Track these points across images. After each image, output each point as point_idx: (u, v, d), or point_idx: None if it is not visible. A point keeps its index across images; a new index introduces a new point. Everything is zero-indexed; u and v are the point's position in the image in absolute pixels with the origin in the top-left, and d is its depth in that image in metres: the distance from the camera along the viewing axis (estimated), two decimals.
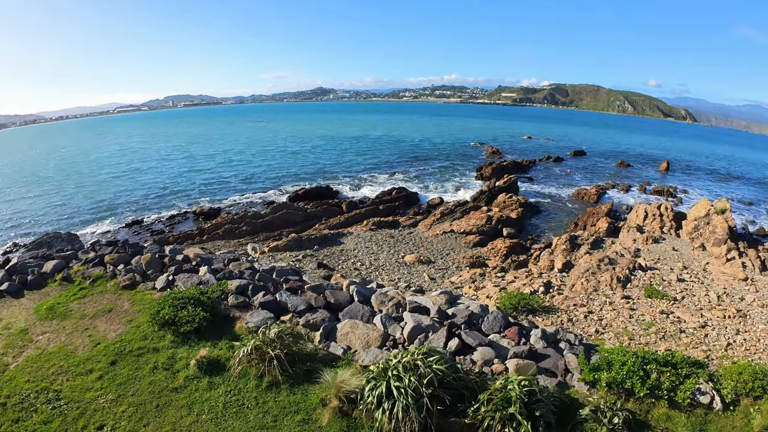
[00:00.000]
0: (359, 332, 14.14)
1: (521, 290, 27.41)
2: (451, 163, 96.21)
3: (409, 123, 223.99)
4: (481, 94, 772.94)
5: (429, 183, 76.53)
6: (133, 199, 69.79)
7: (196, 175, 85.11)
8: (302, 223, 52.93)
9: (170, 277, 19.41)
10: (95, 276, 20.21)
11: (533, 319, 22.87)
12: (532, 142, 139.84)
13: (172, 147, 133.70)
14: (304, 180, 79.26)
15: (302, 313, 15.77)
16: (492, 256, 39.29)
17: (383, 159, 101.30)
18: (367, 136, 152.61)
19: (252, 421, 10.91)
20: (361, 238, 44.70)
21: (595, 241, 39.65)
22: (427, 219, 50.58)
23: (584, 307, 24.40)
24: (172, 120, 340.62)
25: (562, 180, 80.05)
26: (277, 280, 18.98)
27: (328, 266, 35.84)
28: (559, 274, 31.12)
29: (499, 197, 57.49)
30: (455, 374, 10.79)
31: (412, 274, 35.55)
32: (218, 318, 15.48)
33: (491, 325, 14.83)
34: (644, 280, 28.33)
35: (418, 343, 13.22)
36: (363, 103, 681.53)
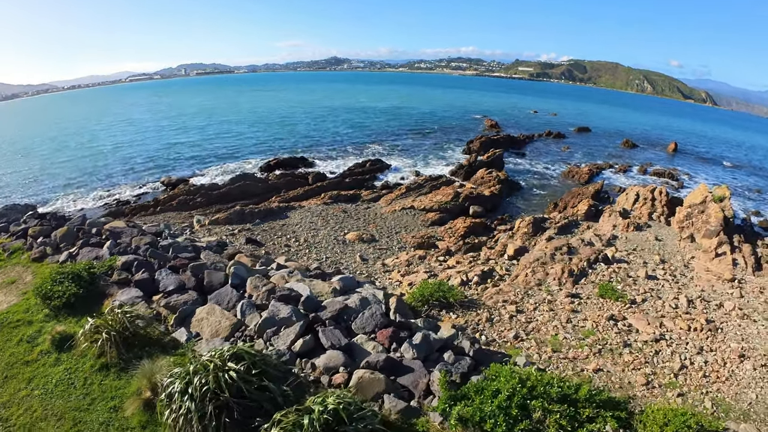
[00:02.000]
0: (213, 319, 13.37)
1: (453, 278, 22.95)
2: (446, 136, 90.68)
3: (419, 95, 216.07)
4: (497, 68, 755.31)
5: (413, 156, 71.32)
6: (114, 170, 66.52)
7: (183, 147, 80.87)
8: (260, 195, 48.81)
9: (74, 251, 19.27)
10: (13, 248, 20.68)
11: (445, 315, 18.34)
12: (537, 117, 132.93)
13: (170, 117, 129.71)
14: (290, 151, 74.45)
15: (170, 294, 15.12)
16: (447, 236, 34.53)
17: (379, 130, 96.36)
18: (373, 107, 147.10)
19: (72, 402, 10.68)
20: (310, 212, 40.55)
21: (565, 226, 34.55)
22: (391, 194, 45.79)
23: (514, 305, 19.55)
24: (180, 89, 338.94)
25: (557, 157, 73.96)
26: (169, 257, 18.47)
27: (259, 242, 32.68)
28: (508, 262, 26.30)
29: (478, 173, 52.41)
30: (261, 383, 9.51)
31: (345, 254, 31.37)
32: (95, 294, 15.39)
33: (364, 323, 13.31)
34: (604, 275, 23.27)
35: (266, 337, 12.50)
36: (376, 74, 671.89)
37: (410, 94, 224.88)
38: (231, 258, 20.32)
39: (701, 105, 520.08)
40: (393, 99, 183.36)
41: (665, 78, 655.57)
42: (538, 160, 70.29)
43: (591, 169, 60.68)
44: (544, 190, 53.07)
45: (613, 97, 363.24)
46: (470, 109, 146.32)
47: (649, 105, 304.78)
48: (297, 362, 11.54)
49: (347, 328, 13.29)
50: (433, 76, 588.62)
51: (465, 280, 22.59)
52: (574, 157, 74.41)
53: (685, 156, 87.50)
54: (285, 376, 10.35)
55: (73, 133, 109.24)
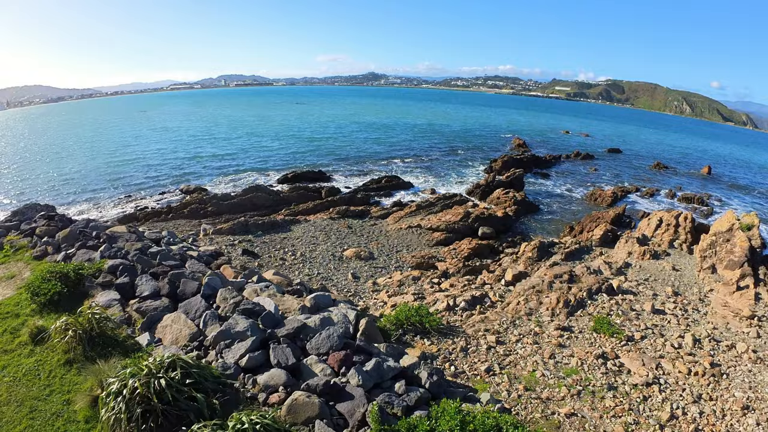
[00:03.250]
0: (176, 327, 13.60)
1: (440, 302, 21.45)
2: (472, 154, 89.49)
3: (452, 113, 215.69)
4: (534, 87, 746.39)
5: (434, 174, 70.09)
6: (139, 177, 69.69)
7: (209, 157, 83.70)
8: (270, 207, 48.58)
9: (71, 252, 20.05)
10: (19, 245, 21.73)
11: (418, 341, 16.95)
12: (568, 138, 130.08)
13: (202, 128, 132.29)
14: (313, 165, 74.51)
15: (144, 299, 15.50)
16: (450, 257, 32.88)
17: (405, 147, 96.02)
18: (404, 123, 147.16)
19: (33, 391, 11.20)
20: (314, 226, 39.62)
21: (575, 251, 32.50)
22: (401, 211, 44.34)
23: (496, 335, 17.85)
24: (219, 99, 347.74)
25: (583, 179, 71.41)
26: (153, 263, 18.57)
27: (255, 253, 32.50)
28: (504, 288, 24.55)
29: (495, 193, 50.70)
30: (191, 393, 9.49)
31: (339, 270, 30.35)
32: (79, 294, 16.06)
33: (319, 343, 12.70)
34: (604, 307, 21.31)
35: (218, 348, 12.33)
36: (413, 90, 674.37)
37: (443, 111, 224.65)
38: (216, 268, 20.88)
39: (741, 128, 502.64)
40: (426, 116, 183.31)
41: (705, 99, 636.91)
42: (562, 181, 67.94)
43: (615, 192, 58.10)
44: (563, 213, 50.82)
45: (649, 118, 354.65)
46: (501, 128, 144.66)
47: (686, 127, 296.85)
48: (240, 377, 11.21)
49: (302, 347, 12.77)
50: (469, 94, 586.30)
51: (451, 305, 20.98)
52: (600, 180, 71.69)
53: (718, 181, 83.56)
54: (221, 389, 10.26)
55: (106, 139, 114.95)
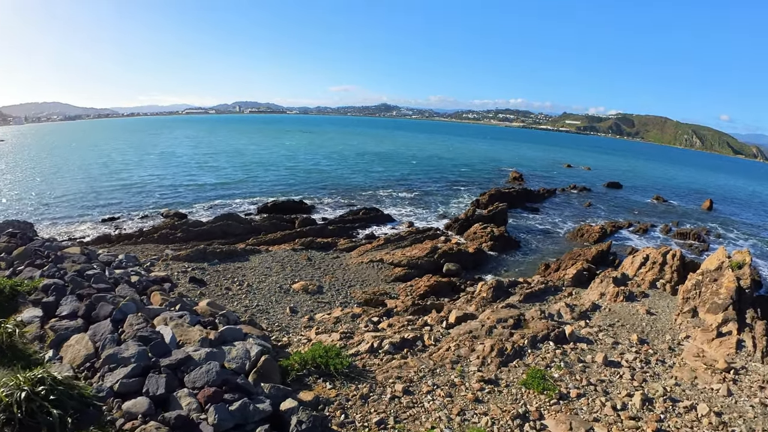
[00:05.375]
0: (77, 347, 14.12)
1: (365, 342, 19.13)
2: (465, 187, 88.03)
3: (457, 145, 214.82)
4: (545, 120, 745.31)
5: (418, 206, 68.24)
6: (128, 199, 70.98)
7: (201, 185, 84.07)
8: (240, 235, 47.06)
9: (19, 269, 21.41)
10: None
11: (320, 384, 15.07)
12: (568, 171, 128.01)
13: (205, 154, 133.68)
14: (299, 194, 74.36)
15: (62, 318, 16.11)
16: (404, 295, 30.56)
17: (399, 178, 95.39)
18: (407, 155, 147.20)
19: None
20: (273, 257, 37.83)
21: (539, 292, 29.80)
22: (369, 244, 42.21)
23: (406, 383, 15.51)
24: (231, 125, 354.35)
25: (574, 213, 68.66)
26: (84, 285, 19.37)
27: (203, 281, 31.40)
28: (444, 330, 22.06)
29: (473, 227, 48.43)
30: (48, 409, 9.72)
31: (280, 303, 28.62)
32: (10, 308, 16.87)
33: (197, 377, 12.50)
34: (545, 357, 18.68)
35: (103, 371, 12.64)
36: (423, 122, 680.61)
37: (449, 144, 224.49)
38: (149, 294, 21.66)
39: (752, 160, 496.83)
40: (431, 148, 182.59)
41: (715, 133, 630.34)
42: (551, 216, 65.34)
43: (605, 227, 55.35)
44: (543, 250, 48.10)
45: (657, 152, 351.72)
46: (503, 160, 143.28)
47: (694, 160, 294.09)
48: (109, 401, 11.31)
49: (181, 379, 12.65)
50: (479, 127, 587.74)
51: (375, 347, 18.62)
52: (593, 215, 69.02)
53: (720, 215, 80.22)
54: (83, 410, 10.36)
55: (109, 161, 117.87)
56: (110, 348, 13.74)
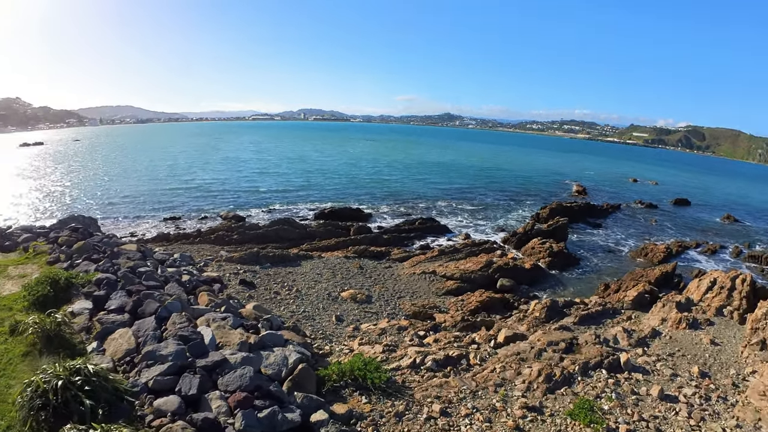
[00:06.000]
0: (120, 341, 14.50)
1: (407, 357, 18.71)
2: (526, 199, 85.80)
3: (521, 156, 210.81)
4: (611, 132, 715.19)
5: (477, 218, 66.95)
6: (193, 200, 73.80)
7: (262, 189, 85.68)
8: (294, 240, 47.57)
9: (76, 262, 22.35)
10: (40, 250, 24.82)
11: (356, 397, 14.69)
12: (634, 186, 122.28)
13: (268, 160, 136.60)
14: (359, 201, 75.01)
15: (110, 312, 16.68)
16: (454, 309, 29.85)
17: (458, 189, 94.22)
18: (468, 165, 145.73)
19: None
20: (325, 263, 37.94)
21: (596, 314, 28.41)
22: (423, 255, 41.59)
23: (444, 404, 14.98)
24: (296, 132, 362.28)
25: (639, 231, 65.30)
26: (135, 281, 20.01)
27: (253, 284, 31.73)
28: (491, 350, 21.30)
29: (531, 242, 47.01)
30: (81, 398, 10.18)
31: (326, 310, 28.40)
32: (64, 298, 17.91)
33: (230, 381, 12.60)
34: (596, 387, 17.69)
35: (140, 367, 12.94)
36: (486, 132, 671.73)
37: (512, 155, 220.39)
38: (191, 293, 22.22)
39: None
40: (493, 159, 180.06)
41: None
42: (614, 232, 62.58)
43: (670, 247, 52.57)
44: (603, 268, 46.01)
45: (729, 167, 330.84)
46: (566, 173, 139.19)
47: None
48: (142, 396, 11.68)
49: (214, 381, 12.80)
50: (543, 138, 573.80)
51: (417, 363, 18.16)
52: (658, 233, 65.52)
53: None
54: (116, 402, 10.82)
55: (175, 164, 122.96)
56: (150, 345, 14.01)
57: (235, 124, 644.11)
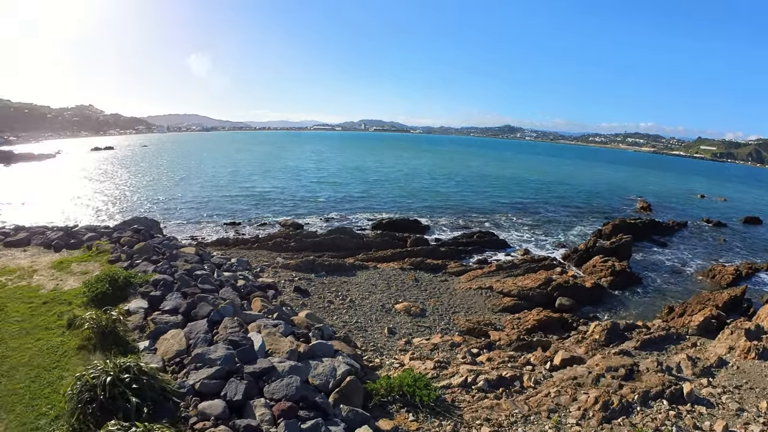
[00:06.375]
0: (172, 341, 14.99)
1: (458, 375, 18.50)
2: (587, 214, 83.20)
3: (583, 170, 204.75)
4: (677, 145, 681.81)
5: (537, 232, 65.43)
6: (253, 207, 75.91)
7: (320, 197, 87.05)
8: (351, 249, 47.87)
9: (136, 262, 23.43)
10: (103, 249, 26.11)
11: (403, 414, 14.43)
12: (701, 202, 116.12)
13: (330, 172, 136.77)
14: (418, 213, 74.76)
15: (164, 313, 17.28)
16: (509, 327, 29.28)
17: (516, 202, 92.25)
18: (528, 179, 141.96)
19: (45, 363, 13.83)
20: (380, 274, 38.14)
21: (659, 339, 27.10)
22: (480, 270, 41.06)
23: (494, 427, 14.69)
24: (357, 142, 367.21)
25: (706, 251, 61.78)
26: (191, 283, 20.92)
27: (306, 292, 32.22)
28: (546, 372, 20.77)
29: (593, 259, 45.57)
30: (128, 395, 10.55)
31: (379, 322, 28.38)
32: (122, 296, 18.74)
33: (276, 389, 12.70)
34: (656, 418, 16.94)
35: (188, 369, 13.25)
36: (548, 145, 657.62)
37: (574, 168, 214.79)
38: (245, 298, 22.66)
39: None
40: (553, 172, 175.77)
41: None
42: (680, 252, 59.73)
43: (739, 269, 49.73)
44: (667, 290, 43.87)
45: None
46: (631, 188, 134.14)
47: None
48: (188, 398, 11.91)
49: (261, 389, 12.84)
50: (606, 151, 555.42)
51: (468, 382, 17.93)
52: (728, 253, 61.93)
53: None
54: (162, 402, 11.13)
55: (237, 171, 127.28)
56: (201, 347, 14.31)
57: (297, 133, 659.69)
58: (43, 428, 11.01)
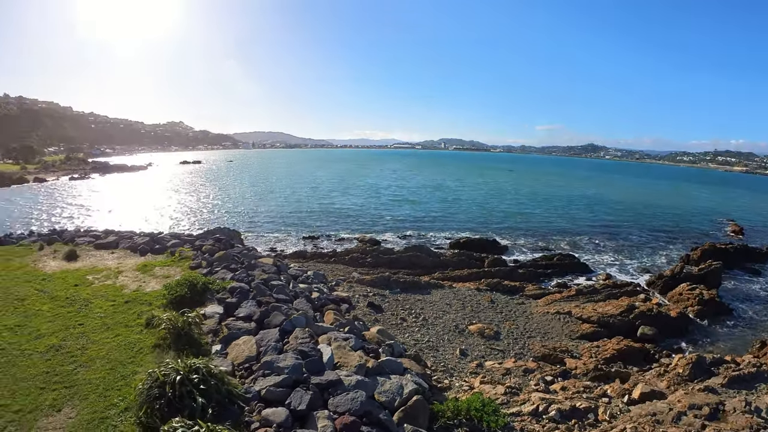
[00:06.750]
0: (243, 347, 15.57)
1: (529, 403, 18.07)
2: (674, 238, 78.29)
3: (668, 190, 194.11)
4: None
5: (620, 256, 62.14)
6: (332, 222, 77.47)
7: (399, 218, 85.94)
8: (426, 267, 47.77)
9: (215, 269, 25.06)
10: (185, 255, 28.06)
11: None
12: None
13: (409, 190, 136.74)
14: (496, 232, 73.60)
15: (238, 319, 18.05)
16: (587, 356, 28.21)
17: (600, 224, 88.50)
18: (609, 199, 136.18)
19: (122, 356, 15.01)
20: (455, 294, 37.77)
21: (748, 376, 25.32)
22: (559, 294, 39.72)
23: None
24: (437, 160, 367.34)
25: None
26: (266, 293, 21.65)
27: (380, 308, 32.35)
28: (623, 406, 19.90)
29: (679, 287, 43.15)
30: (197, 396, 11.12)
31: (451, 342, 27.89)
32: (199, 300, 19.79)
33: (341, 402, 12.78)
34: None
35: (256, 375, 13.74)
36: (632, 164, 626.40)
37: (659, 188, 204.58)
38: (318, 310, 23.26)
39: None
40: (637, 193, 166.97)
41: None
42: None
43: None
44: (760, 323, 40.23)
45: None
46: (720, 210, 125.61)
47: None
48: (253, 403, 12.25)
49: (325, 400, 13.00)
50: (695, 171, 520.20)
51: (539, 411, 17.52)
52: None
53: None
54: (227, 405, 11.63)
55: (317, 187, 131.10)
56: (270, 355, 14.80)
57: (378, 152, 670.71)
58: (111, 418, 11.73)
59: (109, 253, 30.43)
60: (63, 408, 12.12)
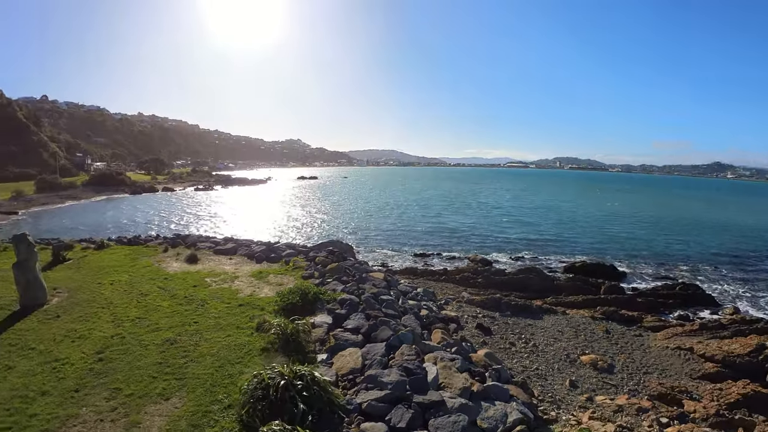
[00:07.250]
0: (348, 358, 15.87)
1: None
2: None
3: None
4: None
5: (748, 287, 56.53)
6: (440, 239, 78.42)
7: (511, 239, 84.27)
8: (539, 291, 46.77)
9: (327, 281, 26.01)
10: (298, 265, 29.54)
11: None
12: None
13: (522, 212, 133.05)
14: (613, 257, 70.40)
15: (346, 330, 18.50)
16: (708, 398, 26.29)
17: (725, 252, 79.53)
18: (737, 223, 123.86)
19: (231, 357, 15.79)
20: (568, 321, 36.83)
21: None
22: (681, 327, 37.10)
23: None
24: (553, 179, 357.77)
25: None
26: (375, 306, 22.02)
27: (489, 330, 32.02)
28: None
29: None
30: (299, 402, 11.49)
31: (561, 372, 27.06)
32: (310, 309, 20.65)
33: (441, 424, 12.45)
34: None
35: (359, 387, 13.83)
36: (764, 185, 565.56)
37: None
38: (425, 328, 23.04)
39: None
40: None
41: None
42: None
43: None
44: None
45: None
46: None
47: None
48: (353, 416, 12.32)
49: (426, 421, 12.64)
50: None
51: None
52: None
53: None
54: (328, 415, 11.89)
55: (426, 205, 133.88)
56: (375, 369, 14.80)
57: (491, 170, 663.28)
58: (214, 413, 12.31)
59: (228, 258, 32.73)
60: (171, 398, 13.05)
